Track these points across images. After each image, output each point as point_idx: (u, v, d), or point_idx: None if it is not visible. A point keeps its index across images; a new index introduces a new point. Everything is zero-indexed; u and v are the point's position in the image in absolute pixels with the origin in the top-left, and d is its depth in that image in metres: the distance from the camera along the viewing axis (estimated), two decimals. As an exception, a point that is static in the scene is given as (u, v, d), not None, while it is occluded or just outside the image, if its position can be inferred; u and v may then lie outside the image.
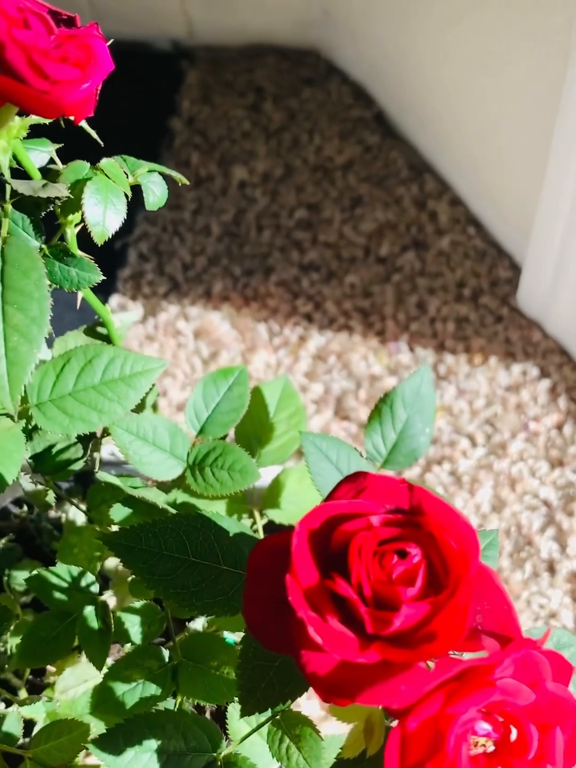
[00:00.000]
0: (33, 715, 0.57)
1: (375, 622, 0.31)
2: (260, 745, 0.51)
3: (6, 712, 0.58)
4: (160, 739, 0.46)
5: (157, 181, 0.48)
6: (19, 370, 0.38)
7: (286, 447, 0.62)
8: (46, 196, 0.38)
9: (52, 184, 0.40)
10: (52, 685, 0.68)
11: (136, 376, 0.52)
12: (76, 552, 0.57)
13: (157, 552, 0.41)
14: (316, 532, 0.34)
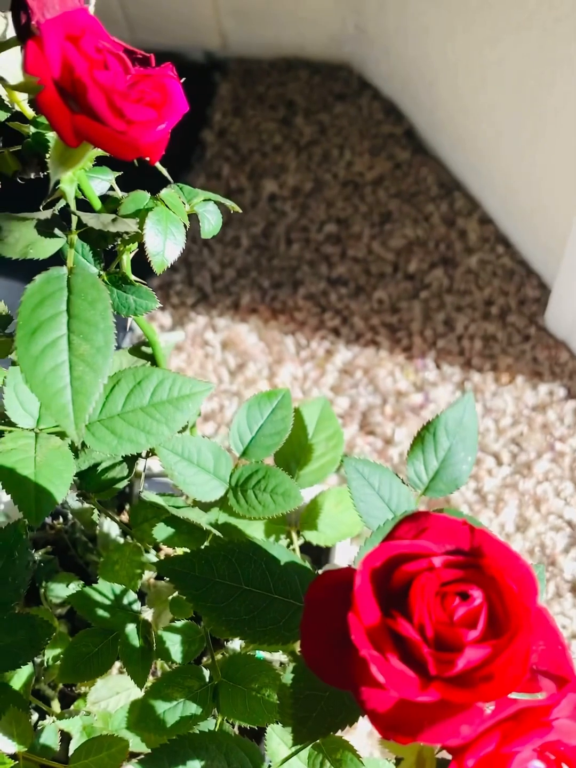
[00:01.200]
0: (70, 728, 0.58)
1: (438, 663, 0.32)
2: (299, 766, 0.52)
3: (43, 724, 0.59)
4: (204, 759, 0.46)
5: (212, 210, 0.49)
6: (83, 399, 0.39)
7: (324, 469, 0.63)
8: (115, 231, 0.39)
9: (121, 219, 0.41)
10: (83, 696, 0.69)
11: (184, 399, 0.53)
12: (117, 569, 0.57)
13: (209, 579, 0.42)
14: (378, 570, 0.34)
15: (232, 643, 0.60)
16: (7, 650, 0.54)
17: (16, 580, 0.54)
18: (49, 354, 0.38)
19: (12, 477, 0.48)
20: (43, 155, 0.41)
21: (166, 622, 0.60)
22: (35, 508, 0.48)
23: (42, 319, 0.39)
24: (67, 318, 0.39)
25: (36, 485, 0.49)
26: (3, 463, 0.49)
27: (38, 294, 0.39)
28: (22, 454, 0.50)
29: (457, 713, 0.32)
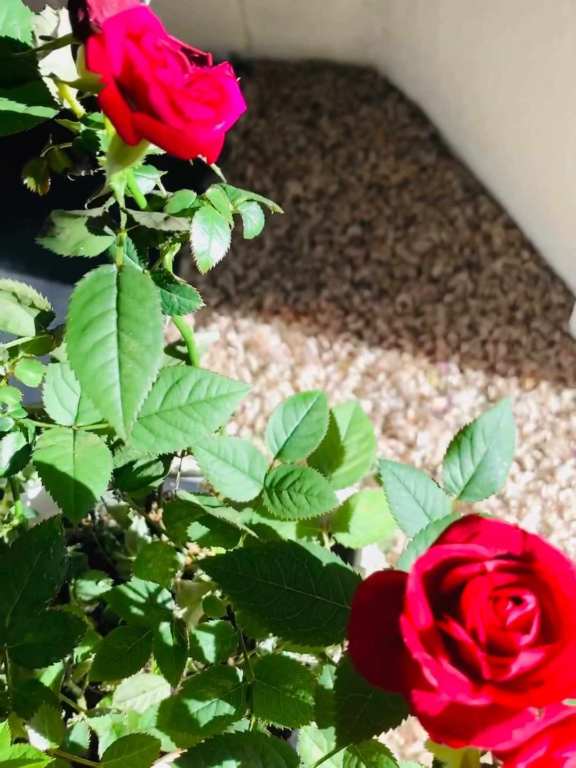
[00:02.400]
0: (99, 726, 0.58)
1: (492, 668, 0.32)
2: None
3: (72, 721, 0.59)
4: (240, 760, 0.46)
5: (255, 210, 0.49)
6: (132, 397, 0.39)
7: (357, 471, 0.63)
8: (168, 230, 0.39)
9: (174, 218, 0.41)
10: (109, 695, 0.69)
11: (221, 399, 0.53)
12: (150, 567, 0.57)
13: (252, 579, 0.42)
14: (429, 573, 0.34)
15: (264, 644, 0.60)
16: (41, 647, 0.54)
17: (51, 577, 0.54)
18: (99, 351, 0.38)
19: (52, 473, 0.49)
20: (93, 153, 0.41)
21: (196, 621, 0.60)
22: (75, 505, 0.48)
23: (92, 316, 0.39)
24: (116, 316, 0.39)
25: (75, 482, 0.49)
26: (43, 459, 0.49)
27: (88, 291, 0.39)
28: (61, 451, 0.50)
29: (509, 717, 0.32)
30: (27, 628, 0.54)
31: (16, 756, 0.46)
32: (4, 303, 0.47)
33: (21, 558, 0.54)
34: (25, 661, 0.54)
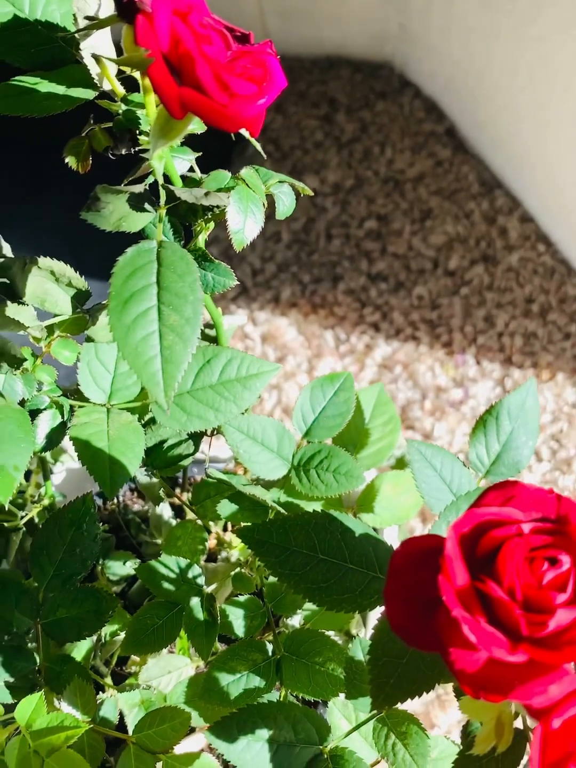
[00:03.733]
0: (129, 702, 0.59)
1: (529, 625, 0.32)
2: (359, 742, 0.52)
3: (103, 697, 0.60)
4: (272, 729, 0.47)
5: (287, 192, 0.50)
6: (173, 368, 0.40)
7: (381, 453, 0.64)
8: (208, 204, 0.40)
9: (215, 193, 0.42)
10: (134, 675, 0.70)
11: (252, 378, 0.54)
12: (180, 544, 0.58)
13: (286, 547, 0.43)
14: (466, 536, 0.35)
15: (291, 620, 0.61)
16: (73, 622, 0.55)
17: (84, 552, 0.55)
18: (140, 324, 0.39)
19: (87, 449, 0.50)
20: (134, 131, 0.42)
21: (223, 600, 0.61)
22: (110, 479, 0.49)
23: (134, 290, 0.40)
24: (157, 289, 0.40)
25: (110, 457, 0.50)
26: (78, 435, 0.50)
27: (130, 266, 0.40)
28: (96, 428, 0.51)
29: (546, 673, 0.33)
30: (60, 603, 0.55)
31: (54, 724, 0.47)
32: (42, 281, 0.48)
33: (54, 534, 0.55)
34: (57, 635, 0.55)
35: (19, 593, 0.55)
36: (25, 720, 0.49)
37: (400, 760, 0.47)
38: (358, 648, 0.49)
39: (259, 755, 0.47)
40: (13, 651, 0.56)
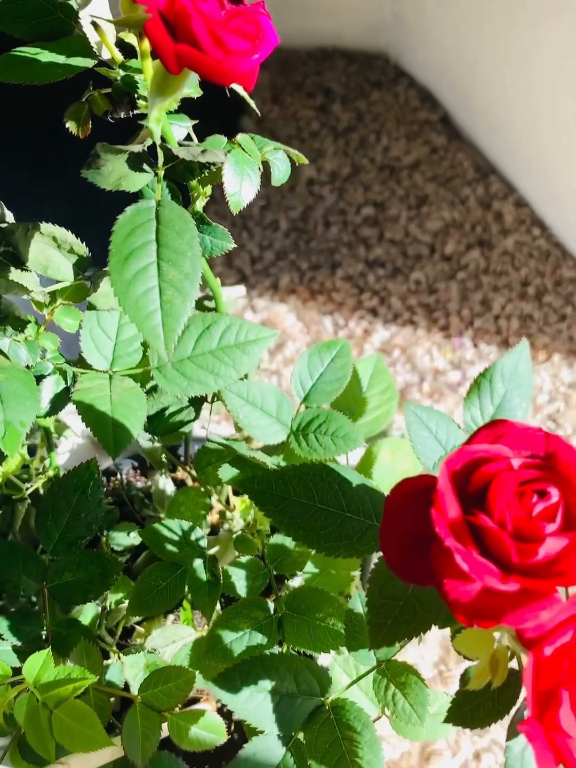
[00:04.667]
0: (134, 665, 0.60)
1: (520, 553, 0.34)
2: (360, 697, 0.54)
3: (108, 663, 0.61)
4: (274, 680, 0.48)
5: (282, 158, 0.52)
6: (173, 321, 0.41)
7: (379, 420, 0.65)
8: (205, 161, 0.42)
9: (211, 150, 0.43)
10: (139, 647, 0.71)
11: (250, 344, 0.55)
12: (182, 510, 0.59)
13: (286, 497, 0.44)
14: (458, 473, 0.36)
15: (292, 582, 0.62)
16: (79, 585, 0.57)
17: (89, 517, 0.56)
18: (140, 279, 0.41)
19: (91, 412, 0.51)
20: (132, 95, 0.44)
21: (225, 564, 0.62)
22: (113, 441, 0.50)
23: (133, 247, 0.41)
24: (156, 246, 0.41)
25: (113, 420, 0.51)
26: (82, 399, 0.51)
27: (129, 224, 0.41)
28: (99, 393, 0.53)
29: (536, 601, 0.34)
30: (65, 567, 0.57)
31: (61, 677, 0.48)
32: (45, 247, 0.50)
33: (60, 499, 0.56)
34: (63, 598, 0.57)
35: (25, 557, 0.56)
36: (32, 677, 0.50)
37: (400, 709, 0.48)
38: (358, 601, 0.50)
39: (261, 706, 0.48)
40: (20, 616, 0.58)
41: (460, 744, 0.94)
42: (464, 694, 0.42)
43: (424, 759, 0.95)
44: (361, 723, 0.48)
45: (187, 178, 0.44)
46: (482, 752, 0.94)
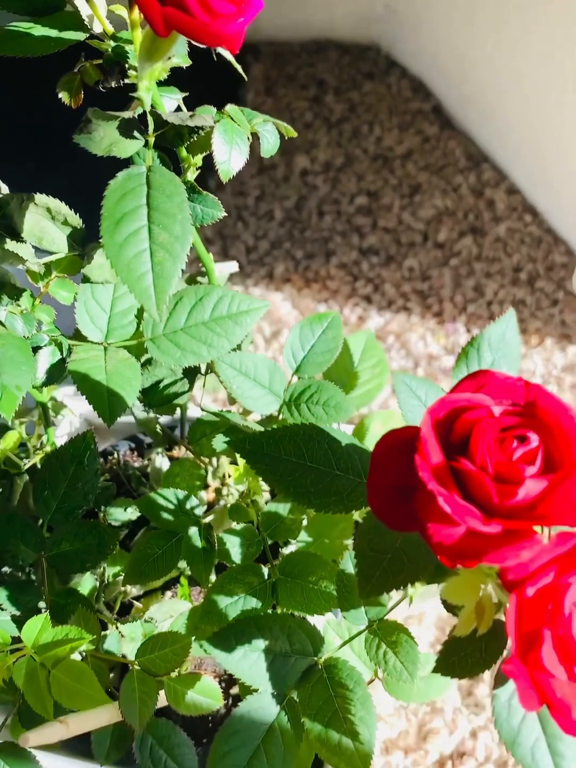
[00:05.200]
0: (131, 633, 0.61)
1: (500, 494, 0.35)
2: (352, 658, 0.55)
3: (106, 633, 0.62)
4: (268, 639, 0.49)
5: (271, 130, 0.53)
6: (164, 283, 0.42)
7: (370, 393, 0.66)
8: (193, 125, 0.43)
9: (199, 114, 0.44)
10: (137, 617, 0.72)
11: (242, 315, 0.56)
12: (178, 481, 0.61)
13: (277, 456, 0.45)
14: (441, 421, 0.37)
15: (287, 549, 0.63)
16: (76, 555, 0.58)
17: (86, 486, 0.57)
18: (132, 242, 0.42)
19: (86, 381, 0.52)
20: (123, 65, 0.45)
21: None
22: (108, 409, 0.51)
23: (125, 211, 0.42)
24: (147, 210, 0.42)
25: (108, 389, 0.52)
26: (77, 369, 0.52)
27: (120, 189, 0.43)
28: (94, 363, 0.54)
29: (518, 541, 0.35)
30: (63, 537, 0.58)
31: (59, 637, 0.49)
32: (39, 219, 0.51)
33: (57, 469, 0.57)
34: (62, 567, 0.58)
35: (24, 527, 0.57)
36: (31, 640, 0.51)
37: (391, 667, 0.49)
38: (349, 561, 0.51)
39: (255, 665, 0.49)
40: (19, 586, 0.59)
41: (456, 722, 0.95)
42: (452, 644, 0.43)
43: (421, 738, 0.96)
44: (354, 681, 0.49)
45: (177, 143, 0.45)
46: (479, 730, 0.94)
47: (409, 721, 0.96)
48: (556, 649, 0.37)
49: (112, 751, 0.60)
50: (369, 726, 0.48)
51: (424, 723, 0.96)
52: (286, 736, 0.48)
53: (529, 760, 0.42)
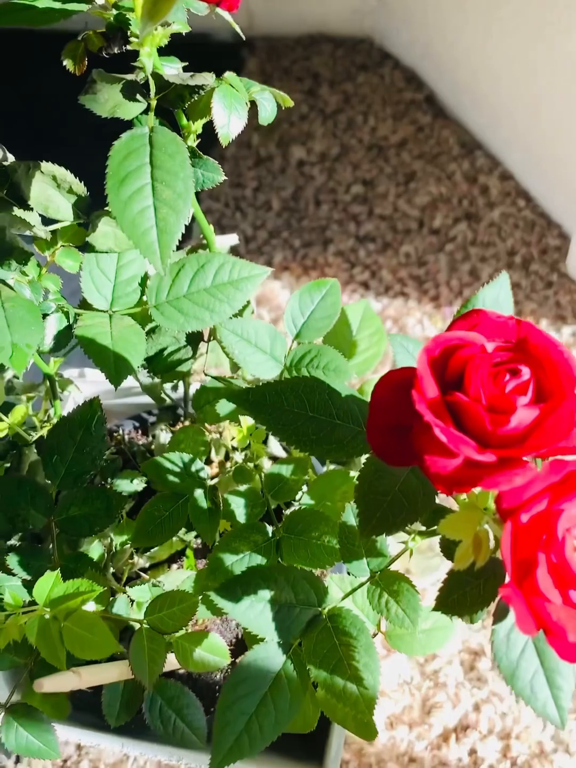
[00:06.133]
0: (140, 596, 0.62)
1: (493, 422, 0.36)
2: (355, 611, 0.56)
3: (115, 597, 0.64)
4: (273, 590, 0.51)
5: (268, 98, 0.54)
6: (167, 238, 0.44)
7: (369, 362, 0.67)
8: (194, 84, 0.44)
9: (199, 74, 0.46)
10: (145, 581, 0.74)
11: (243, 281, 0.58)
12: (182, 447, 0.62)
13: (279, 407, 0.46)
14: (436, 360, 0.39)
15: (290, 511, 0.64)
16: (86, 519, 0.59)
17: (93, 451, 0.59)
18: (136, 199, 0.43)
19: (93, 345, 0.54)
20: (125, 32, 0.46)
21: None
22: (115, 371, 0.53)
23: (129, 169, 0.44)
24: (150, 169, 0.44)
25: (114, 353, 0.54)
26: (84, 334, 0.54)
27: (124, 149, 0.44)
28: (100, 329, 0.55)
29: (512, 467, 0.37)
30: (72, 501, 0.59)
31: (70, 591, 0.50)
32: (46, 187, 0.52)
33: (65, 435, 0.59)
34: (71, 531, 0.59)
35: (34, 492, 0.59)
36: (43, 597, 0.52)
37: (394, 615, 0.51)
38: (350, 514, 0.53)
39: (261, 614, 0.50)
40: (29, 551, 0.60)
41: (459, 696, 0.96)
42: (451, 583, 0.44)
43: (425, 712, 0.97)
44: (357, 629, 0.50)
45: (178, 105, 0.47)
46: (481, 703, 0.96)
47: (413, 696, 0.98)
48: (551, 574, 0.38)
49: (122, 713, 0.61)
50: (373, 672, 0.49)
51: (428, 698, 0.97)
52: (292, 684, 0.50)
53: (528, 693, 0.43)
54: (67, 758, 0.97)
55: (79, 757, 0.96)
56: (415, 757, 0.94)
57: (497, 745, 0.93)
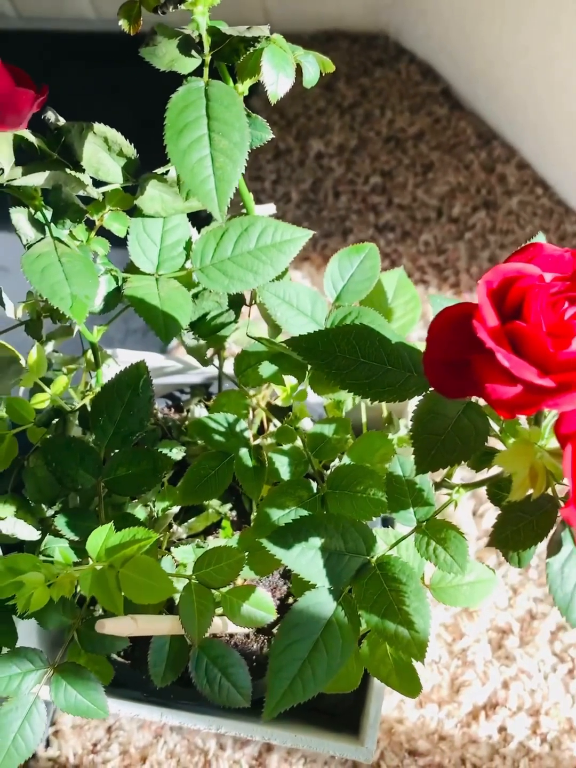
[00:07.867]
0: (185, 557, 0.63)
1: (555, 345, 0.37)
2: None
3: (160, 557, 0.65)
4: (323, 537, 0.52)
5: (312, 61, 0.56)
6: (225, 185, 0.45)
7: (404, 328, 0.69)
8: (251, 36, 0.46)
9: (256, 26, 0.47)
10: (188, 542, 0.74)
11: (286, 243, 0.59)
12: (225, 410, 0.63)
13: (331, 353, 0.48)
14: (495, 292, 0.40)
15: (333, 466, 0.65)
16: (132, 479, 0.60)
17: (141, 412, 0.60)
18: (194, 148, 0.45)
19: (143, 304, 0.55)
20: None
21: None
22: (165, 329, 0.54)
23: (187, 121, 0.45)
24: (207, 120, 0.46)
25: (163, 312, 0.55)
26: (134, 294, 0.55)
27: (181, 102, 0.46)
28: (148, 290, 0.57)
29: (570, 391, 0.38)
30: (120, 462, 0.60)
31: (127, 539, 0.51)
32: (97, 150, 0.54)
33: (113, 396, 0.60)
34: (119, 491, 0.60)
35: (83, 452, 0.60)
36: (96, 550, 0.53)
37: (442, 561, 0.52)
38: (397, 464, 0.54)
39: (312, 561, 0.51)
40: (77, 513, 0.61)
41: (488, 674, 0.97)
42: (505, 519, 0.45)
43: (454, 691, 0.97)
44: (406, 575, 0.51)
45: (233, 59, 0.48)
46: (510, 681, 0.96)
47: (442, 675, 0.98)
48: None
49: (168, 672, 0.62)
50: (423, 616, 0.50)
51: (456, 676, 0.98)
52: (343, 630, 0.50)
53: (583, 624, 0.44)
54: (96, 742, 0.97)
55: (109, 740, 0.97)
56: (445, 735, 0.95)
57: (527, 722, 0.94)
